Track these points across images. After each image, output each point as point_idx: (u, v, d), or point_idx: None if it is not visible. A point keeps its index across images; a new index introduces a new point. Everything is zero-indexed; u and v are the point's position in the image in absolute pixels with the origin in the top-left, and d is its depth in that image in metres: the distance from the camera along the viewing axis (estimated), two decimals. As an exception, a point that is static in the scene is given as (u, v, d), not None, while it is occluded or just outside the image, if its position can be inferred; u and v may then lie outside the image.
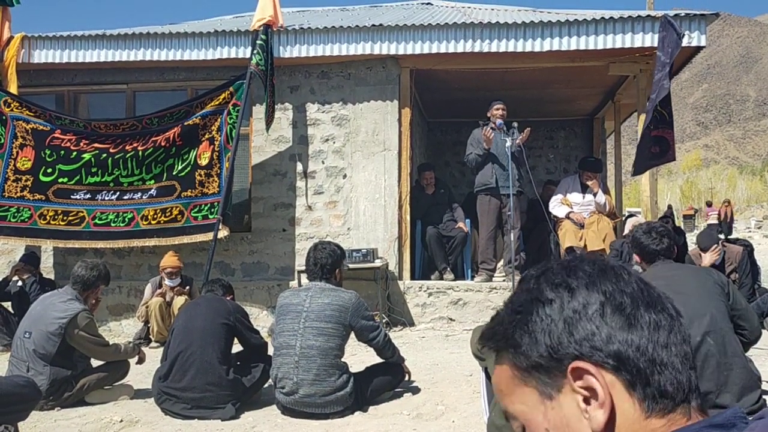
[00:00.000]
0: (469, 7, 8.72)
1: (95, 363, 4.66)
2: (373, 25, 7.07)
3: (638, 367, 0.75)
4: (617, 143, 10.18)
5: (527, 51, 6.91)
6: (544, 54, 6.96)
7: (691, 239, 9.12)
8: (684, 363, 0.78)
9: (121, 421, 4.01)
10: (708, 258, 6.20)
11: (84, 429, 3.89)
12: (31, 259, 6.97)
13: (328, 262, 4.19)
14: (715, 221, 24.63)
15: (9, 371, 4.35)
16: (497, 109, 7.23)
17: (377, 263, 6.76)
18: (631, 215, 8.28)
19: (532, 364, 0.78)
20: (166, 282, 6.55)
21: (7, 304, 6.76)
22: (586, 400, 0.75)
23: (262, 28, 6.91)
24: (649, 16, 7.05)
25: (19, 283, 6.67)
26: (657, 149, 6.31)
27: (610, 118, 10.64)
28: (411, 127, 7.44)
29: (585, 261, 0.83)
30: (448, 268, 7.35)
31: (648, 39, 6.80)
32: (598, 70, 7.51)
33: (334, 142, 7.32)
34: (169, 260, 6.54)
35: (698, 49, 7.11)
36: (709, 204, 30.28)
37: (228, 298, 4.64)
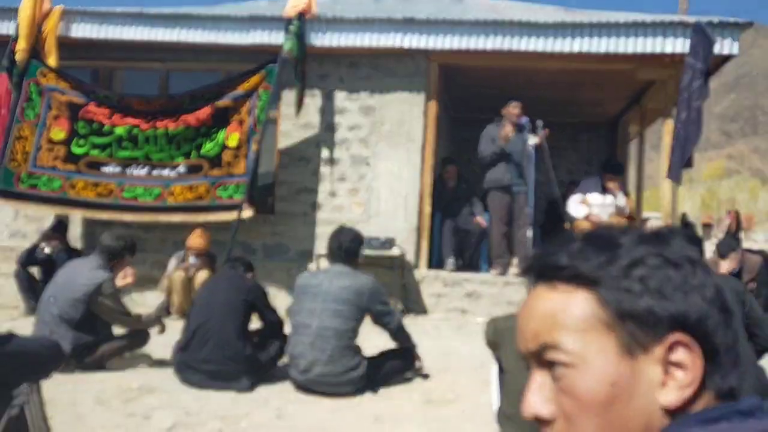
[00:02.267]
0: (501, 4, 8.72)
1: (117, 331, 4.79)
2: (405, 18, 7.11)
3: (722, 365, 0.73)
4: (640, 147, 10.15)
5: (556, 51, 6.92)
6: (573, 55, 6.97)
7: (709, 248, 9.08)
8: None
9: (139, 387, 4.11)
10: (726, 265, 6.19)
11: (102, 394, 3.98)
12: (59, 227, 7.14)
13: (351, 247, 4.29)
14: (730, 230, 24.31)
15: (33, 334, 4.47)
16: (514, 108, 7.26)
17: (395, 252, 6.85)
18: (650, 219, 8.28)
19: (631, 312, 0.72)
20: (191, 260, 6.69)
21: (34, 271, 6.95)
22: (666, 371, 0.72)
23: (296, 15, 6.99)
24: (680, 22, 7.02)
25: (47, 250, 6.83)
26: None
27: (634, 123, 10.60)
28: (436, 121, 7.50)
29: (689, 249, 0.78)
30: (452, 258, 7.40)
31: (678, 45, 6.77)
32: (626, 73, 7.49)
33: (359, 131, 7.40)
34: (197, 241, 6.64)
35: (729, 57, 7.08)
36: (729, 212, 29.99)
37: (249, 276, 4.75)
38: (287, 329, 4.46)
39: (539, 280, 0.79)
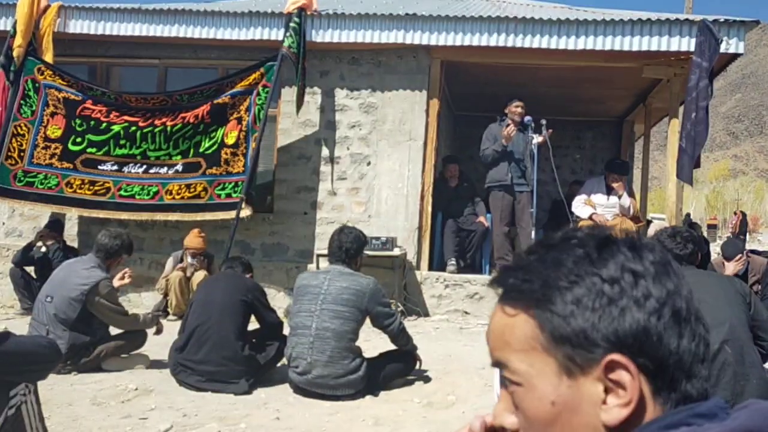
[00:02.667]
0: (503, 1, 8.65)
1: (114, 331, 4.73)
2: (407, 14, 7.04)
3: (673, 377, 0.72)
4: (646, 147, 10.07)
5: (560, 48, 6.85)
6: (577, 52, 6.89)
7: (714, 249, 9.02)
8: (708, 374, 0.76)
9: (136, 389, 4.08)
10: (732, 267, 6.12)
11: (99, 394, 3.96)
12: (55, 225, 7.07)
13: (353, 247, 4.22)
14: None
15: (29, 334, 4.43)
16: (516, 107, 7.19)
17: (396, 252, 6.77)
18: (653, 220, 8.21)
19: (565, 335, 0.72)
20: (188, 259, 6.64)
21: (30, 269, 6.88)
22: (607, 390, 0.71)
23: (296, 10, 6.92)
24: (686, 20, 6.94)
25: (43, 249, 6.78)
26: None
27: (640, 122, 10.53)
28: (438, 119, 7.42)
29: (649, 247, 0.77)
30: (454, 261, 7.32)
31: (684, 43, 6.69)
32: (631, 71, 7.42)
33: (360, 129, 7.33)
34: (194, 241, 6.60)
35: (735, 56, 7.01)
36: (736, 213, 30.15)
37: (247, 276, 4.69)
38: (286, 330, 4.40)
39: (498, 298, 0.80)
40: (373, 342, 4.88)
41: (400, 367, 4.35)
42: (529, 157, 7.03)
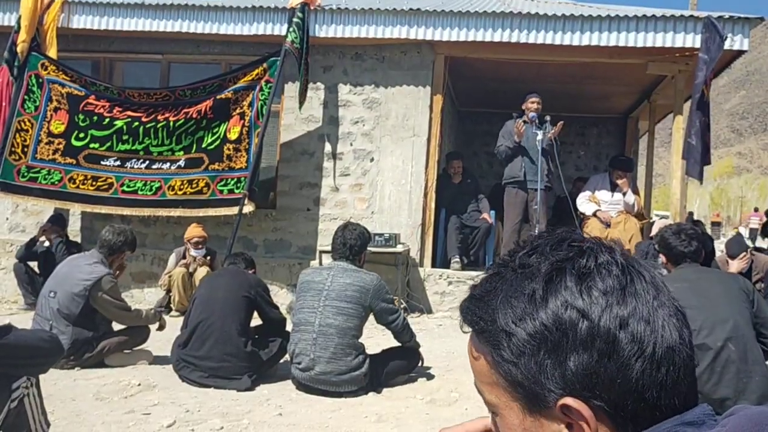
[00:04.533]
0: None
1: (117, 327, 4.73)
2: (411, 9, 7.02)
3: (635, 412, 0.68)
4: (650, 144, 10.04)
5: (565, 44, 6.82)
6: (582, 48, 6.87)
7: (718, 247, 8.98)
8: (687, 391, 0.71)
9: (139, 384, 4.08)
10: (735, 265, 6.10)
11: (102, 390, 3.96)
12: (58, 220, 7.08)
13: (357, 244, 4.20)
14: (757, 226, 24.40)
15: (32, 329, 4.44)
16: (532, 102, 7.16)
17: (399, 248, 6.76)
18: (662, 217, 8.19)
19: (516, 380, 0.71)
20: (192, 252, 6.65)
21: (33, 264, 6.89)
22: (570, 426, 0.69)
23: (299, 5, 6.90)
24: (691, 16, 6.91)
25: (46, 244, 6.79)
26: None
27: (644, 118, 10.49)
28: (442, 115, 7.40)
29: (603, 272, 0.71)
30: (458, 258, 7.30)
31: (689, 39, 6.66)
32: (636, 68, 7.39)
33: (363, 125, 7.31)
34: (195, 230, 6.66)
35: (739, 53, 6.97)
36: (756, 210, 30.23)
37: (250, 272, 4.68)
38: (288, 326, 4.39)
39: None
40: (376, 339, 4.88)
41: (403, 363, 4.34)
42: (536, 153, 7.00)
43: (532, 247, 0.76)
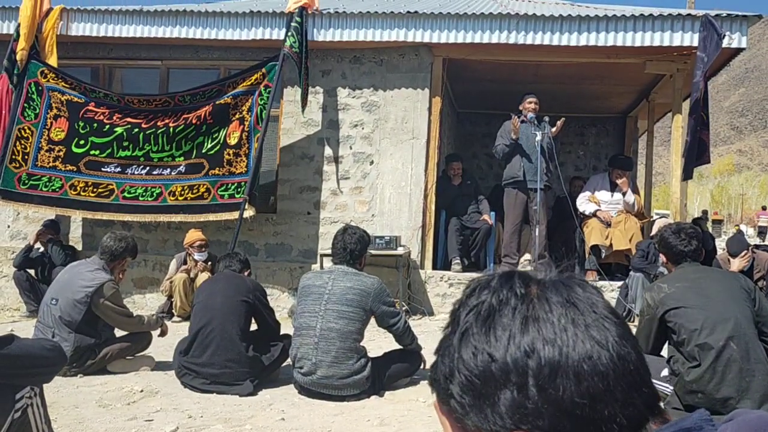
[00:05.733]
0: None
1: (119, 333, 4.73)
2: (408, 12, 7.03)
3: None
4: (649, 143, 10.04)
5: (563, 45, 6.83)
6: (579, 49, 6.87)
7: (719, 245, 8.99)
8: (629, 394, 0.68)
9: (142, 391, 4.08)
10: (737, 263, 6.11)
11: (105, 397, 3.96)
12: (52, 224, 7.11)
13: (357, 248, 4.20)
14: (766, 224, 24.42)
15: (35, 336, 4.43)
16: (530, 103, 7.17)
17: (400, 251, 6.76)
18: (662, 216, 8.19)
19: (478, 428, 0.70)
20: (196, 256, 6.66)
21: (33, 272, 6.91)
22: None
23: (297, 10, 6.91)
24: (689, 15, 6.91)
25: (41, 249, 6.81)
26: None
27: (643, 117, 10.49)
28: (441, 117, 7.41)
29: (510, 297, 0.71)
30: (459, 260, 7.31)
31: (687, 38, 6.67)
32: (634, 67, 7.39)
33: (362, 128, 7.32)
34: (195, 234, 6.68)
35: (738, 51, 6.97)
36: (765, 208, 30.21)
37: (245, 274, 4.67)
38: (289, 331, 4.39)
39: None
40: (378, 341, 4.88)
41: (406, 366, 4.33)
42: (535, 153, 7.01)
43: (462, 297, 0.76)
